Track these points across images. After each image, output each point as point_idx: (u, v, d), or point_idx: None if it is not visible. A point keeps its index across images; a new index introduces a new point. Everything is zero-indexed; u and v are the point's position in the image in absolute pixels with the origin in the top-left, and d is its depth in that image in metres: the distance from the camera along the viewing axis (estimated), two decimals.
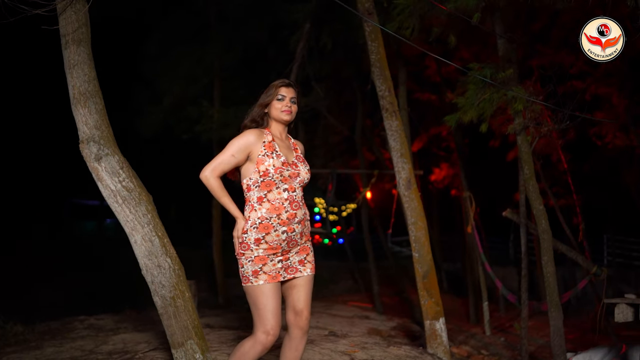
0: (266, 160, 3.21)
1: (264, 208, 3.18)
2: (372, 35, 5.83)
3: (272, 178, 3.20)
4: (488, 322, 9.25)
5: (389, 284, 13.96)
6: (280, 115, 3.34)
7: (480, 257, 9.29)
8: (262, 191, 3.20)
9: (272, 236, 3.16)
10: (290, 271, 3.28)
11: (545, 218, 6.06)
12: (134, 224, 3.63)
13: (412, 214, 5.69)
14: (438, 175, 15.26)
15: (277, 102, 3.35)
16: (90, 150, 3.66)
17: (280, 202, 3.19)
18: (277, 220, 3.17)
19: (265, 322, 3.13)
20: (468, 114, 5.85)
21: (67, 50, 3.78)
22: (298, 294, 3.32)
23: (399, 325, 8.57)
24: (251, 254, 3.16)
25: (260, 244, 3.16)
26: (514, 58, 6.45)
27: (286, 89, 3.38)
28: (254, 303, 3.17)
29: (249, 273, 3.16)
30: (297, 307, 3.32)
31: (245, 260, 3.17)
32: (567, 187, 11.34)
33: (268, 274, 3.17)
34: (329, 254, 20.24)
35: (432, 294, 5.62)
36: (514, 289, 10.54)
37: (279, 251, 3.21)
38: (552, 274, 5.96)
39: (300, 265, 3.33)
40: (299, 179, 3.30)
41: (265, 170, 3.20)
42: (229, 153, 3.24)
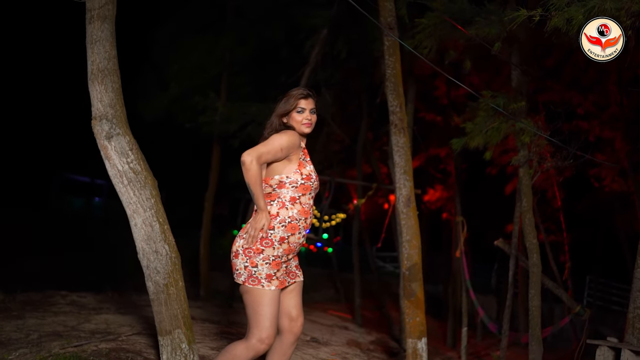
0: (307, 166, 3.23)
1: (295, 209, 3.16)
2: (390, 50, 5.85)
3: (312, 184, 3.23)
4: (465, 348, 9.24)
5: (370, 298, 13.95)
6: (301, 128, 3.29)
7: (465, 283, 9.31)
8: (298, 193, 3.18)
9: (295, 238, 3.16)
10: (291, 276, 3.28)
11: (538, 252, 6.12)
12: (137, 206, 3.62)
13: (407, 231, 5.70)
14: (432, 196, 15.32)
15: (297, 115, 3.28)
16: (101, 128, 3.66)
17: (308, 207, 3.22)
18: (303, 224, 3.18)
19: (263, 330, 3.08)
20: (475, 139, 5.90)
21: (91, 25, 3.79)
22: (292, 300, 3.31)
23: (378, 340, 8.57)
24: (272, 252, 3.09)
25: (282, 244, 3.12)
26: (525, 91, 6.51)
27: (305, 100, 3.31)
28: (256, 308, 3.09)
29: (262, 275, 3.08)
30: (293, 314, 3.31)
31: (262, 261, 3.08)
32: (559, 224, 11.42)
33: (279, 279, 3.14)
34: (313, 260, 20.23)
35: (418, 313, 5.63)
36: (492, 318, 10.57)
37: (292, 254, 3.21)
38: (537, 307, 6.00)
39: (297, 269, 3.35)
40: (316, 189, 3.33)
41: (308, 175, 3.20)
42: (278, 146, 3.11)
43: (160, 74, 12.80)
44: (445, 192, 14.78)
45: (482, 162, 11.45)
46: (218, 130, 11.21)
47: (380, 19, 5.81)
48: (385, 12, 5.79)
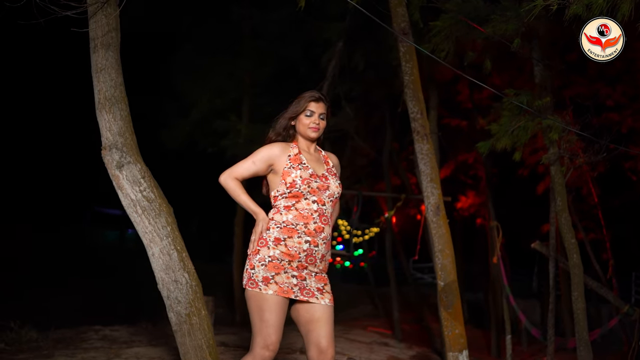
0: (292, 172, 3.08)
1: (290, 214, 3.03)
2: (406, 56, 5.70)
3: (300, 189, 3.05)
4: (510, 356, 8.96)
5: (409, 311, 13.71)
6: (306, 132, 3.19)
7: (504, 289, 9.03)
8: (290, 201, 3.06)
9: (294, 241, 3.00)
10: (305, 293, 3.04)
11: (577, 252, 5.85)
12: (153, 235, 3.51)
13: (439, 241, 5.51)
14: (464, 203, 15.03)
15: (305, 118, 3.19)
16: (112, 157, 3.57)
17: (309, 213, 3.04)
18: (303, 228, 3.01)
19: (266, 337, 2.92)
20: (501, 141, 5.69)
21: (96, 54, 3.72)
22: (321, 330, 3.06)
23: (419, 355, 8.35)
24: (267, 252, 2.98)
25: (278, 245, 2.99)
26: (549, 86, 6.29)
27: (316, 104, 3.20)
28: (257, 313, 2.95)
29: (258, 278, 2.96)
30: (322, 345, 3.05)
31: (258, 262, 2.98)
32: (597, 222, 11.07)
33: (279, 285, 2.96)
34: (348, 276, 20.03)
35: (457, 325, 5.42)
36: (536, 323, 10.25)
37: (294, 261, 3.01)
38: (582, 310, 5.73)
39: (319, 292, 3.09)
40: (328, 192, 3.14)
41: (292, 182, 3.06)
42: (250, 160, 3.16)
43: (181, 102, 12.85)
44: (478, 198, 14.48)
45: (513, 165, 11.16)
46: (242, 153, 11.13)
47: (394, 25, 5.67)
48: (398, 17, 5.65)
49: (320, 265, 3.12)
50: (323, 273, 3.17)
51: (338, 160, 3.43)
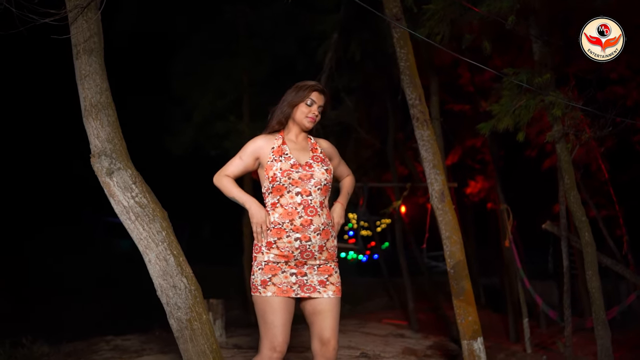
0: (274, 165, 3.05)
1: (277, 213, 3.01)
2: (400, 42, 5.59)
3: (280, 182, 3.02)
4: (529, 340, 8.83)
5: (425, 300, 13.59)
6: (303, 121, 3.18)
7: (518, 273, 8.91)
8: (275, 197, 3.04)
9: (284, 242, 2.97)
10: (306, 289, 3.02)
11: (589, 230, 5.73)
12: (148, 241, 3.44)
13: (446, 227, 5.40)
14: (473, 188, 14.88)
15: (305, 107, 3.18)
16: (101, 165, 3.49)
17: (293, 207, 2.99)
18: (289, 226, 2.97)
19: (272, 338, 2.92)
20: (503, 121, 5.57)
21: (79, 61, 3.65)
22: (324, 322, 3.04)
23: (436, 344, 8.23)
24: (262, 258, 2.99)
25: (271, 249, 2.98)
26: (550, 63, 6.16)
27: (318, 95, 3.21)
28: (261, 316, 2.98)
29: (257, 282, 2.99)
30: (324, 337, 3.03)
31: (256, 267, 3.01)
32: (609, 198, 10.89)
33: (278, 286, 2.96)
34: (364, 270, 19.94)
35: (470, 312, 5.31)
36: (554, 304, 10.11)
37: (291, 260, 2.98)
38: (597, 289, 5.61)
39: (321, 286, 3.04)
40: (313, 181, 3.06)
41: (273, 175, 3.04)
42: (238, 156, 3.21)
43: (183, 107, 12.78)
44: (487, 182, 14.33)
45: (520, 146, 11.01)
46: None
47: (386, 12, 5.57)
48: (390, 3, 5.56)
49: (321, 256, 3.06)
50: (328, 262, 3.10)
51: (330, 144, 3.41)
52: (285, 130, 3.24)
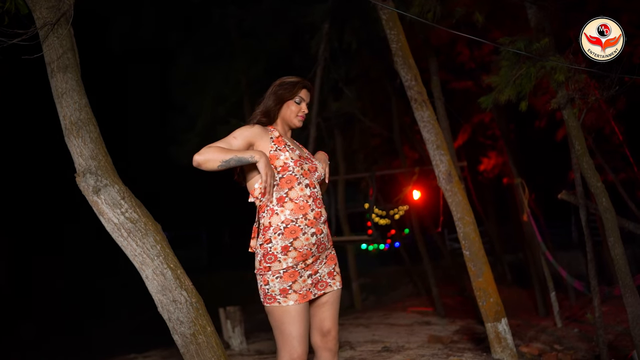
0: (281, 154, 2.83)
1: (287, 209, 2.77)
2: (389, 24, 5.42)
3: (293, 172, 2.81)
4: (558, 314, 8.62)
5: (450, 284, 13.41)
6: (294, 120, 3.02)
7: (540, 246, 8.69)
8: (282, 190, 2.80)
9: (302, 241, 2.75)
10: (320, 286, 2.86)
11: (606, 195, 5.50)
12: (143, 257, 3.29)
13: (457, 209, 5.23)
14: (487, 165, 14.64)
15: (295, 105, 3.01)
16: (87, 183, 3.35)
17: (304, 200, 2.80)
18: (304, 222, 2.77)
19: (292, 350, 2.72)
20: (505, 92, 5.37)
21: (54, 79, 3.50)
22: (325, 313, 2.91)
23: (462, 328, 8.05)
24: (279, 266, 2.73)
25: (288, 252, 2.74)
26: (548, 28, 5.95)
27: (307, 92, 3.06)
28: (278, 327, 2.75)
29: (275, 292, 2.73)
30: (325, 328, 2.91)
31: (272, 276, 2.73)
32: (626, 160, 10.63)
33: (298, 292, 2.74)
34: (386, 259, 19.76)
35: (490, 293, 5.13)
36: (582, 274, 9.86)
37: (309, 258, 2.79)
38: (621, 255, 5.39)
39: (330, 278, 2.91)
40: (317, 174, 2.94)
41: (283, 165, 2.81)
42: (231, 135, 2.87)
43: (186, 116, 12.73)
44: (500, 158, 14.10)
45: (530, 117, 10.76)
46: None
47: None
48: None
49: (329, 246, 2.94)
50: (332, 250, 2.99)
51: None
52: (274, 125, 3.05)
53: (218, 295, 11.59)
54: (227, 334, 7.16)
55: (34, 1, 3.53)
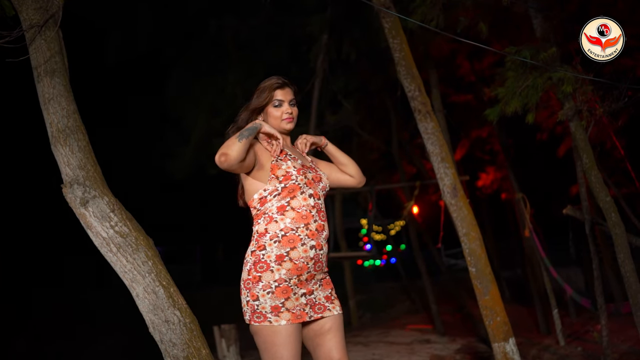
0: (283, 164, 2.64)
1: (287, 217, 2.57)
2: (392, 32, 5.26)
3: (296, 181, 2.62)
4: (561, 331, 8.42)
5: (448, 301, 13.20)
6: (281, 125, 2.77)
7: (543, 262, 8.50)
8: (284, 199, 2.60)
9: (299, 251, 2.54)
10: (318, 309, 2.63)
11: (615, 210, 5.31)
12: (133, 274, 3.07)
13: (462, 224, 5.04)
14: (485, 180, 14.51)
15: (275, 109, 2.77)
16: (74, 195, 3.13)
17: (307, 210, 2.60)
18: (304, 232, 2.56)
19: None
20: (511, 104, 5.20)
21: (41, 84, 3.30)
22: (332, 342, 2.66)
23: (464, 347, 7.84)
24: (271, 277, 2.51)
25: (283, 263, 2.52)
26: (553, 39, 5.81)
27: (282, 91, 2.79)
28: (269, 350, 2.51)
29: (266, 309, 2.49)
30: (334, 358, 2.65)
31: (263, 291, 2.51)
32: (627, 175, 10.49)
33: (291, 311, 2.52)
34: (382, 275, 19.56)
35: (497, 312, 4.93)
36: (580, 291, 9.69)
37: (303, 274, 2.56)
38: (631, 271, 5.19)
39: (329, 302, 2.68)
40: (321, 185, 2.73)
41: (286, 174, 2.61)
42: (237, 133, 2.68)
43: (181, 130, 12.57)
44: (499, 173, 13.97)
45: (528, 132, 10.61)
46: None
47: (374, 0, 5.23)
48: None
49: (324, 267, 2.71)
50: (327, 275, 2.75)
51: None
52: None
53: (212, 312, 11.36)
54: (221, 353, 6.95)
55: (21, 2, 3.34)
